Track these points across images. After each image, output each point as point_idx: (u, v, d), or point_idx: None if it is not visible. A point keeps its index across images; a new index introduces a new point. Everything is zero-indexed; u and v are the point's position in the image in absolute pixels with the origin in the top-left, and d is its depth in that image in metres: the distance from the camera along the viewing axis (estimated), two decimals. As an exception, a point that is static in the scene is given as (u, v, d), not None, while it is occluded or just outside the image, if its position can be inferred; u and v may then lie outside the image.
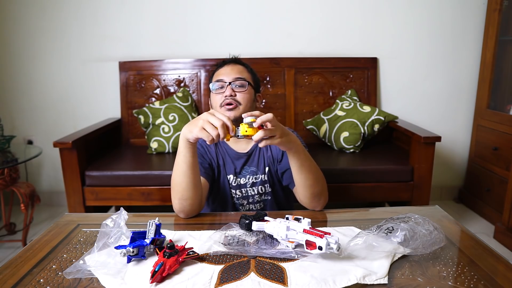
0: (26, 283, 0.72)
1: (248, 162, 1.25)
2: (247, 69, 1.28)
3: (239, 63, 1.28)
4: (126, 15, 2.49)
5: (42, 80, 2.57)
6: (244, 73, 1.24)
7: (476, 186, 2.54)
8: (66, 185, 1.95)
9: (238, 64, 1.26)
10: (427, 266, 0.76)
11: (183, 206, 1.01)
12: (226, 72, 1.22)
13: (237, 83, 1.20)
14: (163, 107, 2.31)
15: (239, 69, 1.24)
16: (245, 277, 0.72)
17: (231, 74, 1.21)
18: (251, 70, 1.29)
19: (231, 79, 1.20)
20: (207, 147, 1.25)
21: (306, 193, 1.06)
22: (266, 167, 1.24)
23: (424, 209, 1.10)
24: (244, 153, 1.25)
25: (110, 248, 0.80)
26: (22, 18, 2.49)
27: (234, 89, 1.19)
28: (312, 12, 2.50)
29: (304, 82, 2.48)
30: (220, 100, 1.18)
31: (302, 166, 1.02)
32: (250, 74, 1.27)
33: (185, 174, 0.99)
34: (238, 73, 1.22)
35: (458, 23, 2.51)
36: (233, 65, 1.25)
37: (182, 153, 0.99)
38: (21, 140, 2.63)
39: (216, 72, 1.27)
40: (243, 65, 1.28)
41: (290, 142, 0.95)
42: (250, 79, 1.25)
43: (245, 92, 1.20)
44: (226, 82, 1.19)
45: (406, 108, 2.58)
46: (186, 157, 0.98)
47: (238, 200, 1.25)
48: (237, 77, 1.20)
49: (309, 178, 1.04)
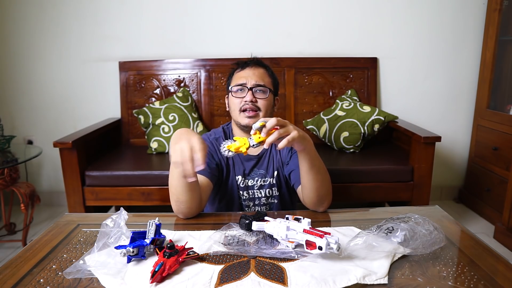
0: (26, 283, 0.72)
1: (258, 165, 1.24)
2: (268, 72, 1.26)
3: (261, 65, 1.25)
4: (126, 15, 2.49)
5: (42, 80, 2.57)
6: (265, 77, 1.22)
7: (476, 186, 2.54)
8: (66, 185, 1.95)
9: (259, 67, 1.24)
10: (427, 266, 0.76)
11: (180, 208, 1.01)
12: (247, 76, 1.20)
13: (259, 89, 1.18)
14: (163, 107, 2.31)
15: (260, 73, 1.22)
16: (245, 277, 0.72)
17: (253, 78, 1.19)
18: (271, 73, 1.27)
19: (252, 84, 1.18)
20: (218, 147, 1.24)
21: (311, 195, 1.05)
22: (275, 171, 1.24)
23: (424, 209, 1.10)
24: (254, 155, 1.24)
25: (110, 248, 0.80)
26: (22, 18, 2.49)
27: (254, 95, 1.17)
28: (312, 12, 2.50)
29: (304, 82, 2.48)
30: (240, 104, 1.17)
31: (313, 166, 1.02)
32: (271, 78, 1.25)
33: (178, 179, 0.98)
34: (260, 78, 1.20)
35: (458, 23, 2.51)
36: (255, 68, 1.23)
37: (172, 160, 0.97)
38: (21, 140, 2.63)
39: (236, 72, 1.25)
40: (265, 68, 1.26)
41: (305, 140, 0.95)
42: (270, 84, 1.23)
43: (266, 99, 1.19)
44: (247, 87, 1.18)
45: (406, 108, 2.58)
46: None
47: (245, 202, 1.25)
48: (258, 83, 1.19)
49: (317, 180, 1.04)
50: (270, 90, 1.20)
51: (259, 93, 1.19)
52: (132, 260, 0.78)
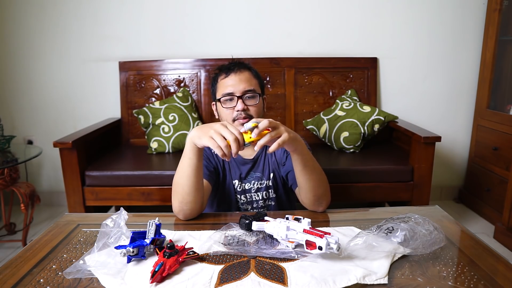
0: (26, 283, 0.72)
1: (254, 168, 1.24)
2: (253, 73, 1.21)
3: (245, 67, 1.20)
4: (126, 15, 2.49)
5: (42, 80, 2.57)
6: (252, 80, 1.18)
7: (476, 186, 2.54)
8: (66, 185, 1.95)
9: (244, 71, 1.19)
10: (427, 266, 0.76)
11: (182, 210, 1.00)
12: (234, 83, 1.16)
13: (248, 95, 1.16)
14: (163, 107, 2.31)
15: (246, 77, 1.17)
16: (245, 277, 0.72)
17: (240, 84, 1.15)
18: (256, 73, 1.22)
19: (241, 92, 1.15)
20: (213, 152, 1.24)
21: (308, 195, 1.05)
22: (271, 173, 1.24)
23: (424, 209, 1.10)
24: (250, 159, 1.24)
25: (110, 248, 0.80)
26: (22, 18, 2.49)
27: (245, 102, 1.15)
28: (312, 12, 2.50)
29: (304, 82, 2.48)
30: (232, 115, 1.14)
31: (306, 167, 1.01)
32: (257, 79, 1.21)
33: (189, 178, 0.98)
34: (247, 83, 1.16)
35: (458, 23, 2.51)
36: (239, 72, 1.18)
37: (188, 156, 0.97)
38: (21, 140, 2.63)
39: (220, 79, 1.20)
40: (249, 69, 1.21)
41: (296, 141, 0.95)
42: (257, 85, 1.20)
43: (257, 104, 1.17)
44: (236, 96, 1.15)
45: (406, 108, 2.58)
46: (192, 160, 0.96)
47: (243, 205, 1.25)
48: (247, 89, 1.15)
49: (312, 180, 1.03)
50: (259, 95, 1.18)
51: (248, 99, 1.16)
52: (132, 260, 0.78)
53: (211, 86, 1.26)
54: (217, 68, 1.24)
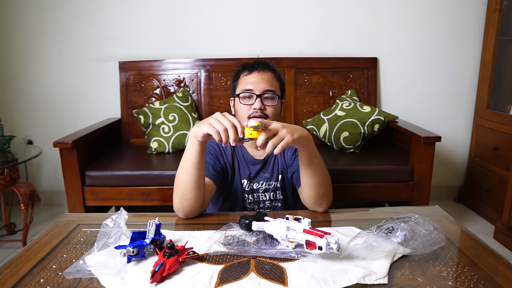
0: (26, 283, 0.72)
1: (264, 169, 1.24)
2: (275, 75, 1.22)
3: (268, 68, 1.21)
4: (126, 15, 2.49)
5: (42, 80, 2.57)
6: (273, 82, 1.19)
7: (476, 186, 2.54)
8: (66, 185, 1.95)
9: (267, 71, 1.20)
10: (427, 266, 0.76)
11: (183, 206, 1.00)
12: (255, 81, 1.17)
13: (267, 95, 1.16)
14: (163, 107, 2.31)
15: (268, 77, 1.18)
16: (245, 277, 0.72)
17: (261, 84, 1.16)
18: (278, 76, 1.23)
19: (261, 90, 1.16)
20: (224, 150, 1.23)
21: (310, 193, 1.05)
22: (280, 175, 1.24)
23: (424, 209, 1.10)
24: (260, 159, 1.24)
25: (110, 248, 0.80)
26: (22, 18, 2.49)
27: (263, 101, 1.16)
28: (312, 12, 2.50)
29: (304, 82, 2.48)
30: (248, 112, 1.16)
31: (312, 163, 1.01)
32: (278, 81, 1.22)
33: (189, 173, 0.99)
34: (268, 84, 1.17)
35: (458, 23, 2.51)
36: (262, 72, 1.19)
37: (189, 151, 0.98)
38: (21, 140, 2.63)
39: (243, 76, 1.21)
40: (272, 71, 1.22)
41: (303, 137, 0.94)
42: (278, 88, 1.21)
43: (274, 106, 1.17)
44: (256, 94, 1.16)
45: (406, 108, 2.58)
46: (193, 154, 0.98)
47: (250, 205, 1.25)
48: (267, 89, 1.16)
49: (316, 177, 1.03)
50: (278, 97, 1.19)
51: (267, 100, 1.17)
52: (132, 260, 0.78)
53: (232, 82, 1.27)
54: (241, 65, 1.25)
